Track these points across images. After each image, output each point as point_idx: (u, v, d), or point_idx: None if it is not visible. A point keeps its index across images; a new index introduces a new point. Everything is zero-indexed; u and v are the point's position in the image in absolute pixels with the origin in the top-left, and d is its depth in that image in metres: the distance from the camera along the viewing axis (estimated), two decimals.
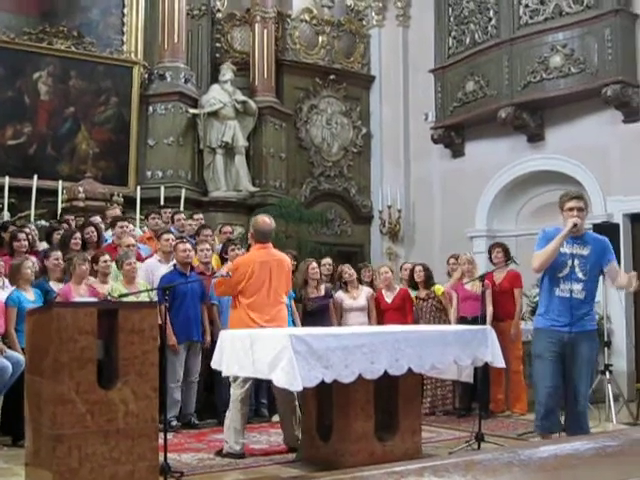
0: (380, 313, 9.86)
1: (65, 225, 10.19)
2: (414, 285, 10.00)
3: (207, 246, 9.36)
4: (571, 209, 6.05)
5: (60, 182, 11.56)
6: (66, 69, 12.59)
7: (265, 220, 7.46)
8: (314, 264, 9.56)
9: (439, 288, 9.88)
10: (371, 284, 10.22)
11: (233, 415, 7.09)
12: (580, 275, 6.02)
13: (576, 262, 6.02)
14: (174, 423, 8.30)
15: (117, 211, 11.11)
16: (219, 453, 7.12)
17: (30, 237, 9.08)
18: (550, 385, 5.98)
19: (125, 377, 5.39)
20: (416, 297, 9.93)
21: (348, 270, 9.87)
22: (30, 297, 7.74)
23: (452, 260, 10.13)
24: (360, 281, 10.09)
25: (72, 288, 7.97)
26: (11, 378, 7.25)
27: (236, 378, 7.04)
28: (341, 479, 1.85)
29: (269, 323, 7.11)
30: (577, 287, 6.02)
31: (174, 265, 8.79)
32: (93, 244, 9.59)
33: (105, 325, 5.43)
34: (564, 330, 5.98)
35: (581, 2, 11.53)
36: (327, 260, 10.24)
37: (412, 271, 10.04)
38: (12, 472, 6.33)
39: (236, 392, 7.13)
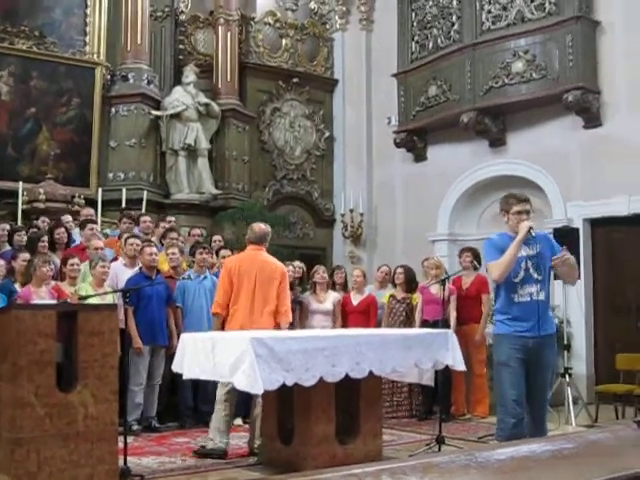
0: (345, 315, 9.89)
1: (35, 228, 10.10)
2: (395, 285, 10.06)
3: (175, 250, 9.34)
4: (519, 212, 5.93)
5: (20, 183, 11.43)
6: (27, 69, 12.47)
7: (260, 225, 7.70)
8: (289, 268, 9.60)
9: (415, 298, 9.87)
10: (344, 286, 10.27)
11: (217, 415, 7.11)
12: (536, 275, 5.89)
13: (529, 263, 5.90)
14: (135, 427, 8.24)
15: (91, 211, 11.03)
16: (203, 448, 7.11)
17: (2, 239, 9.06)
18: (517, 394, 5.83)
19: (85, 380, 5.36)
20: (391, 296, 9.94)
21: (322, 273, 9.90)
22: None
23: (426, 263, 10.13)
24: (334, 283, 10.15)
25: (32, 290, 7.88)
26: None
27: None
28: None
29: (243, 324, 7.16)
30: (536, 288, 5.89)
31: (140, 268, 8.77)
32: (62, 245, 9.54)
33: (65, 327, 5.40)
34: (528, 335, 5.83)
35: (543, 9, 11.63)
36: (297, 263, 10.26)
37: (394, 272, 10.09)
38: None
39: (220, 392, 7.12)
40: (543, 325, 5.89)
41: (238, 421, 8.61)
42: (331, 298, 9.83)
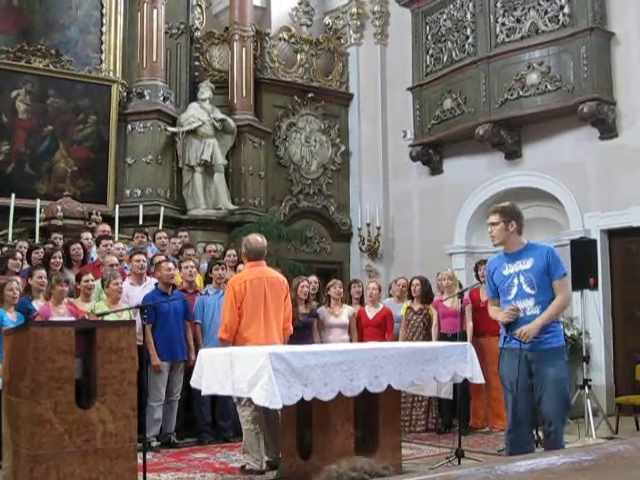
0: (361, 329, 9.89)
1: (49, 244, 10.16)
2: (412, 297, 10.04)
3: (191, 264, 9.37)
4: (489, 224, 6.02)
5: (38, 201, 11.49)
6: (44, 87, 12.54)
7: (257, 238, 7.44)
8: (304, 282, 9.62)
9: (432, 309, 9.87)
10: (361, 300, 10.28)
11: (246, 437, 7.05)
12: (528, 290, 5.75)
13: (522, 279, 5.79)
14: (154, 443, 8.25)
15: (107, 227, 11.07)
16: (243, 468, 7.08)
17: (17, 257, 9.14)
18: (517, 408, 5.76)
19: (103, 396, 5.36)
20: (409, 307, 9.92)
21: (338, 288, 9.91)
22: (13, 318, 7.70)
23: (439, 276, 10.13)
24: (350, 297, 10.17)
25: (51, 308, 7.94)
26: None
27: (240, 399, 6.95)
28: None
29: (256, 341, 7.02)
30: (528, 304, 5.76)
31: (156, 284, 8.80)
32: (78, 262, 9.58)
33: (83, 344, 5.41)
34: (525, 348, 5.69)
35: (557, 20, 11.63)
36: (313, 278, 10.28)
37: (410, 284, 10.08)
38: None
39: (244, 413, 7.06)
40: (538, 339, 5.71)
41: None
42: (346, 312, 9.83)
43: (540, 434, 6.34)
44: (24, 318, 7.77)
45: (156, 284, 8.82)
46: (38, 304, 8.18)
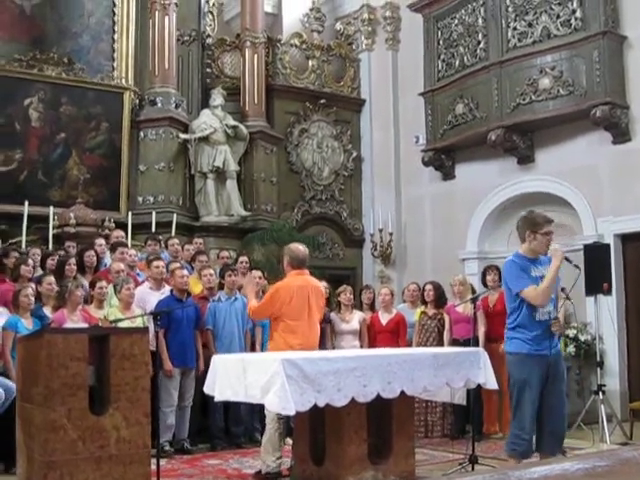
0: (373, 334, 9.87)
1: (62, 252, 10.18)
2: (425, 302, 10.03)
3: (211, 271, 9.40)
4: (549, 233, 6.05)
5: (51, 208, 11.51)
6: (57, 95, 12.58)
7: (299, 247, 7.52)
8: None
9: (445, 314, 9.86)
10: (372, 306, 10.26)
11: (268, 435, 7.07)
12: (552, 295, 6.06)
13: None
14: (167, 448, 8.26)
15: (121, 232, 11.10)
16: (258, 474, 7.08)
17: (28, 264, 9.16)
18: (535, 412, 5.97)
19: (117, 403, 5.37)
20: (423, 312, 9.91)
21: (349, 294, 9.91)
22: (28, 325, 7.72)
23: (451, 281, 10.12)
24: (361, 303, 10.16)
25: (66, 315, 7.95)
26: (3, 405, 7.20)
27: None
28: None
29: (302, 346, 7.05)
30: (551, 307, 6.06)
31: (171, 291, 8.82)
32: (91, 269, 9.60)
33: (96, 351, 5.43)
34: (547, 353, 5.97)
35: (569, 25, 11.60)
36: (324, 283, 10.27)
37: (423, 289, 10.07)
38: None
39: (270, 413, 7.08)
40: (556, 342, 6.14)
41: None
42: (357, 317, 9.82)
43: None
44: (40, 325, 7.79)
45: (171, 290, 8.85)
46: (48, 311, 8.19)
